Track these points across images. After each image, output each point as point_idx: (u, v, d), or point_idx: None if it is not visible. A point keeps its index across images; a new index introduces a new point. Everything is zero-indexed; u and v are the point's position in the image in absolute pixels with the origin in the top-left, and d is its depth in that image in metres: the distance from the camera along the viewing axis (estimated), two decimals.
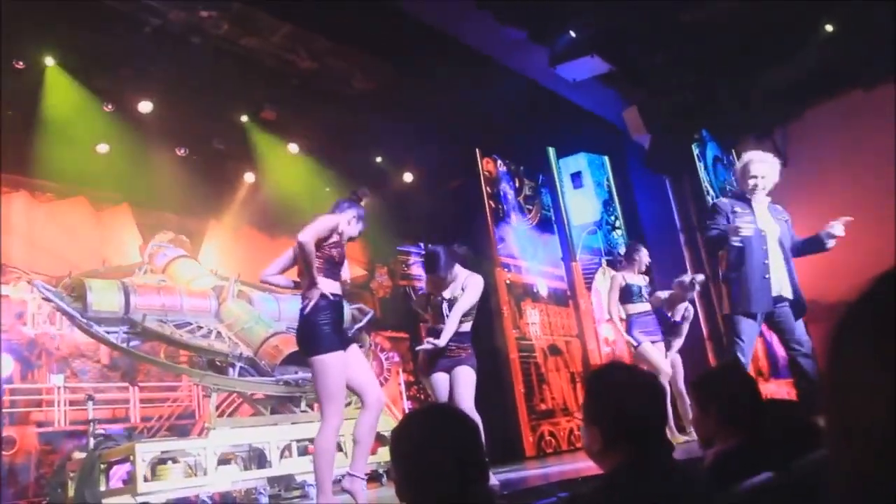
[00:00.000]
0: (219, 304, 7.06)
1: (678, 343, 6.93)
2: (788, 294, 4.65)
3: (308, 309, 3.85)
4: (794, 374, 4.62)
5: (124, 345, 6.32)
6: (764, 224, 4.72)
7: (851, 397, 0.45)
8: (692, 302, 7.17)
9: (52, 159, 8.14)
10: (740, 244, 4.61)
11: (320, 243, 3.94)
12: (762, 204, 4.83)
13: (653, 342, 6.50)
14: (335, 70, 9.28)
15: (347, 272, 4.39)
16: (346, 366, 3.88)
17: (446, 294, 4.56)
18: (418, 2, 7.56)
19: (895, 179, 9.08)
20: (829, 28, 8.92)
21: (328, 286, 3.88)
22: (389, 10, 7.46)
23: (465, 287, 4.54)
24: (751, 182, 4.78)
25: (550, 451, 9.57)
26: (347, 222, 4.14)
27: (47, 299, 6.42)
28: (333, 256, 3.98)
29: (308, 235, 3.82)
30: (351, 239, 4.22)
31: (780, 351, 7.17)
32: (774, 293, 4.59)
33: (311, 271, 3.84)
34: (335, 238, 4.01)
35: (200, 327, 6.65)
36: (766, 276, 4.60)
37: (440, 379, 4.51)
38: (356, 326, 7.52)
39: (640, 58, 9.24)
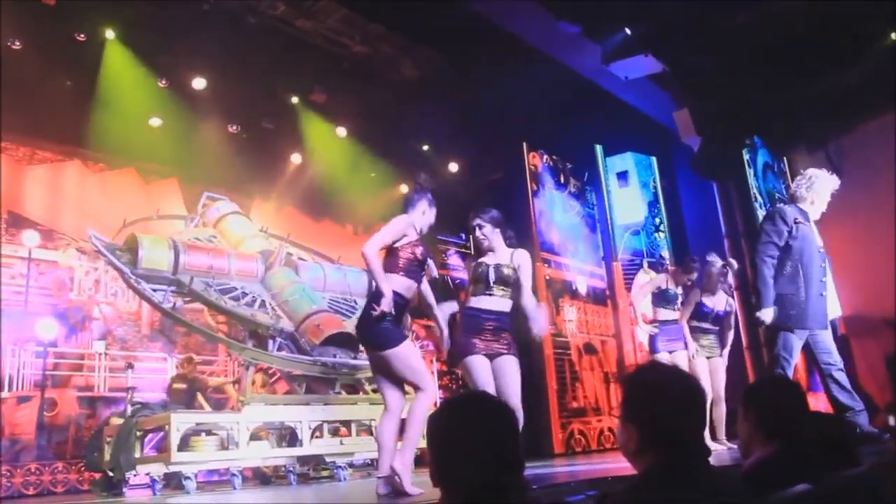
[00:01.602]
0: (266, 270, 7.07)
1: (730, 336, 6.72)
2: (835, 314, 4.55)
3: (374, 310, 3.85)
4: (827, 389, 4.49)
5: (168, 306, 6.33)
6: (819, 243, 4.62)
7: None
8: (730, 293, 6.90)
9: (106, 130, 8.32)
10: (802, 259, 4.49)
11: (396, 245, 4.00)
12: (813, 221, 4.73)
13: (671, 352, 6.44)
14: (386, 56, 9.32)
15: (434, 269, 4.35)
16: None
17: (490, 260, 4.16)
18: None
19: None
20: (894, 36, 8.66)
21: (401, 285, 3.97)
22: (444, 1, 7.46)
23: (520, 263, 4.11)
24: (811, 197, 4.66)
25: (580, 450, 9.53)
26: (422, 213, 4.18)
27: (99, 252, 6.41)
28: (414, 256, 4.03)
29: (371, 247, 3.86)
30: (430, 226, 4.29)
31: None
32: (832, 314, 4.47)
33: (378, 279, 3.86)
34: (413, 237, 4.06)
35: (245, 294, 6.65)
36: (823, 293, 4.48)
37: (481, 363, 3.99)
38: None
39: (693, 59, 9.08)
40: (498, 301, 4.09)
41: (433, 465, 1.50)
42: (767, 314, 4.52)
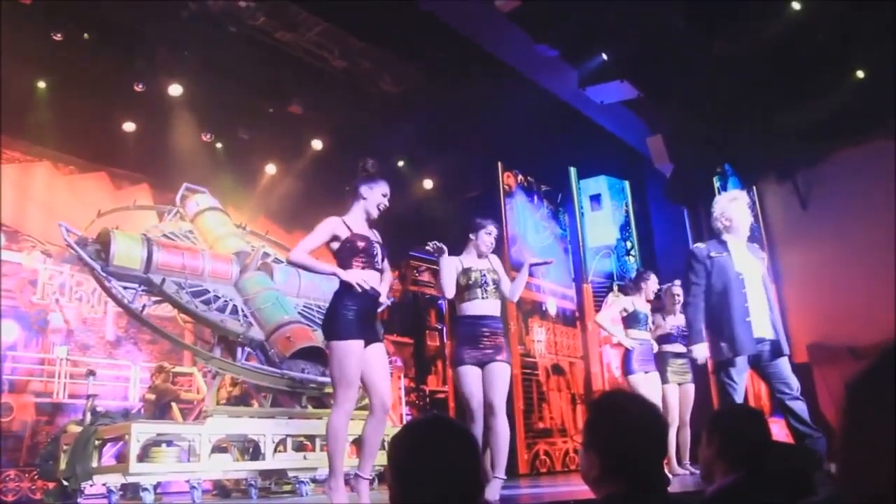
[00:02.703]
0: (240, 273, 6.95)
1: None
2: (770, 335, 4.60)
3: (333, 295, 3.93)
4: (786, 417, 4.56)
5: (138, 306, 6.18)
6: (742, 265, 4.70)
7: (863, 454, 0.49)
8: None
9: (78, 133, 8.22)
10: (721, 290, 4.61)
11: (334, 248, 3.97)
12: (740, 244, 4.80)
13: (646, 372, 6.48)
14: (365, 71, 9.34)
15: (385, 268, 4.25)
16: (365, 360, 3.87)
17: (482, 266, 4.58)
18: (454, 12, 7.58)
19: None
20: (860, 73, 8.88)
21: (358, 276, 3.86)
22: (424, 18, 7.49)
23: (498, 266, 4.65)
24: (724, 223, 4.79)
25: (544, 471, 9.53)
26: (364, 199, 4.11)
27: (69, 245, 6.22)
28: (357, 249, 3.94)
29: (296, 253, 3.93)
30: (385, 208, 4.17)
31: None
32: (756, 335, 4.55)
33: (325, 269, 4.00)
34: (345, 234, 3.96)
35: (217, 297, 6.55)
36: (748, 319, 4.56)
37: (471, 373, 4.31)
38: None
39: (669, 87, 9.22)
40: (492, 304, 4.45)
41: (393, 487, 1.49)
42: (699, 350, 4.73)
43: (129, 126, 8.84)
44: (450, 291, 4.50)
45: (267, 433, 6.02)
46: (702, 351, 4.73)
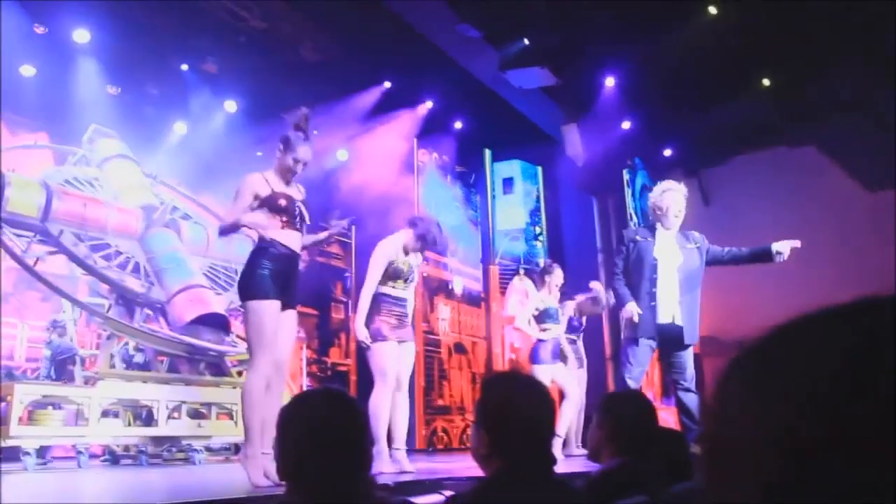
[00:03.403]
0: (146, 228, 6.64)
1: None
2: (679, 321, 4.79)
3: (250, 254, 3.81)
4: (678, 406, 4.79)
5: (31, 257, 5.80)
6: (661, 253, 4.90)
7: (728, 440, 0.48)
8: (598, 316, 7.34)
9: None
10: (636, 273, 4.88)
11: (255, 207, 3.79)
12: (669, 232, 4.98)
13: (553, 363, 6.66)
14: (285, 35, 9.11)
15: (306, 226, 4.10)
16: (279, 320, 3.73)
17: (413, 261, 4.92)
18: None
19: (804, 235, 9.53)
20: (766, 82, 9.28)
21: (278, 235, 3.74)
22: None
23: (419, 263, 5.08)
24: (656, 212, 4.98)
25: (441, 448, 9.66)
26: (297, 153, 3.88)
27: None
28: (280, 206, 3.78)
29: (223, 229, 3.91)
30: (304, 163, 3.95)
31: None
32: (661, 321, 4.76)
33: (237, 230, 3.90)
34: (266, 191, 3.79)
35: (119, 253, 6.29)
36: (652, 303, 4.80)
37: (392, 349, 4.64)
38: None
39: (587, 78, 9.41)
40: (409, 291, 4.87)
41: (280, 459, 1.49)
42: (631, 307, 4.83)
43: (27, 70, 8.35)
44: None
45: (161, 399, 5.88)
46: (633, 307, 4.83)
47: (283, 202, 3.80)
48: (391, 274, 4.73)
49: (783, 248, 4.88)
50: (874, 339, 0.42)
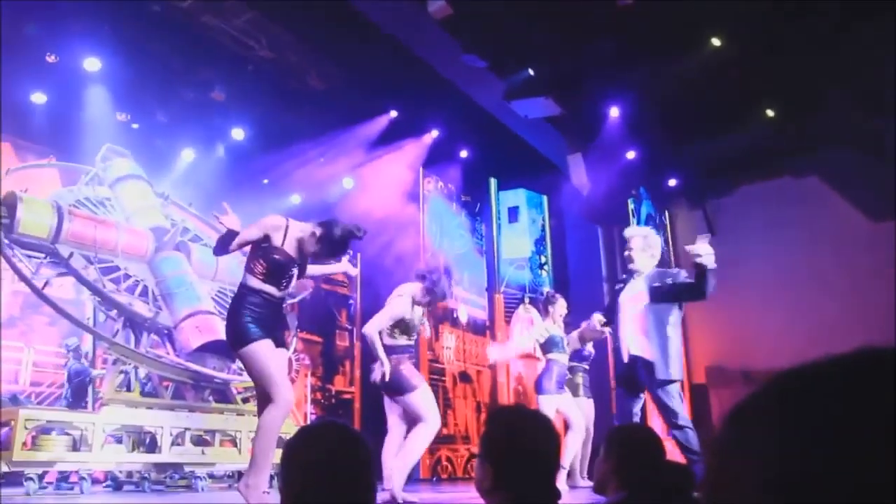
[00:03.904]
0: (156, 251, 6.59)
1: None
2: (643, 354, 4.78)
3: (233, 300, 3.84)
4: (676, 444, 4.77)
5: (40, 280, 5.72)
6: (627, 295, 5.01)
7: (727, 484, 0.49)
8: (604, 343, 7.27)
9: None
10: (609, 318, 5.21)
11: (268, 241, 3.77)
12: (640, 274, 5.02)
13: (559, 393, 6.60)
14: (292, 64, 9.21)
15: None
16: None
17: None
18: (386, 13, 7.58)
19: (808, 265, 9.56)
20: (770, 113, 9.33)
21: (259, 285, 3.73)
22: (354, 17, 7.47)
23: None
24: (645, 254, 5.03)
25: (445, 477, 9.59)
26: (331, 253, 3.92)
27: None
28: (272, 260, 3.74)
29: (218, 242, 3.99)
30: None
31: None
32: (627, 360, 4.86)
33: (230, 242, 3.86)
34: (275, 241, 3.78)
35: (128, 276, 6.24)
36: (617, 344, 5.04)
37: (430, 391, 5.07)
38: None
39: (592, 108, 9.47)
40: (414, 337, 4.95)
41: (283, 492, 1.49)
42: (596, 317, 5.37)
43: (38, 97, 8.46)
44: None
45: (165, 425, 5.86)
46: (596, 318, 5.36)
47: (278, 257, 3.76)
48: (403, 328, 4.79)
49: (697, 249, 4.60)
50: (863, 402, 0.44)
